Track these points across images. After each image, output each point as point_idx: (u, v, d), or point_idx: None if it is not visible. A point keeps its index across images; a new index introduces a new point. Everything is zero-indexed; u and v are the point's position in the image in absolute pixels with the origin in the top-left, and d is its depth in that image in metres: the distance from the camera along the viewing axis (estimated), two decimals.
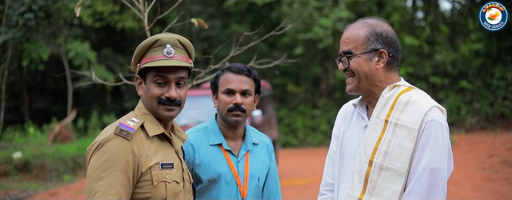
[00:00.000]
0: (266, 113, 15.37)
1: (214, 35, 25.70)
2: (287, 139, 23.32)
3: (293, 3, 22.40)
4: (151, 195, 2.90)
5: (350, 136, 3.23)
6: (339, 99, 24.50)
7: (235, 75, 3.71)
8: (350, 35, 3.12)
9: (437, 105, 3.02)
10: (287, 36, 22.91)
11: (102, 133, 2.92)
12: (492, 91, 21.84)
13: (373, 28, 3.11)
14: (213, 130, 3.74)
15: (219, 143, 3.71)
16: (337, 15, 21.68)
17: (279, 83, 24.95)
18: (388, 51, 3.08)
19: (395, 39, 3.14)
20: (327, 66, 24.67)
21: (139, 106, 3.07)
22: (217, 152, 3.69)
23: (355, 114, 3.28)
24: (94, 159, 2.84)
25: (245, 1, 23.42)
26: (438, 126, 2.94)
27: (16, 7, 17.79)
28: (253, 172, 3.75)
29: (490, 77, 22.14)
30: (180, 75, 3.01)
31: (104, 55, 25.10)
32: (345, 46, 3.13)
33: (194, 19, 5.01)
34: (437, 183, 2.91)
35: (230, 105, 3.65)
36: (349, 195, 3.08)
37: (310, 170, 16.43)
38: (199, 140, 3.70)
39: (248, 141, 3.80)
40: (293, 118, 24.28)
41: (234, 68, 3.74)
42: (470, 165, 14.37)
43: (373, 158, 3.01)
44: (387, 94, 3.08)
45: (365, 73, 3.08)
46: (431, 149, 2.91)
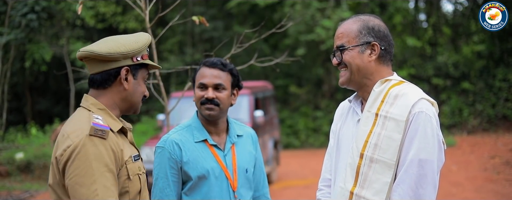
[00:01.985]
0: (268, 114, 15.38)
1: (216, 36, 25.70)
2: (289, 140, 23.31)
3: (295, 4, 22.40)
4: (128, 189, 2.87)
5: (346, 132, 3.29)
6: (341, 100, 24.15)
7: (208, 69, 3.73)
8: (343, 30, 3.20)
9: (425, 97, 3.05)
10: (289, 37, 22.92)
11: (68, 138, 2.76)
12: (494, 92, 21.82)
13: (365, 22, 3.18)
14: (196, 127, 3.76)
15: (204, 139, 3.73)
16: (340, 16, 21.66)
17: (281, 84, 24.96)
18: (380, 44, 3.15)
19: (388, 34, 3.20)
20: (329, 68, 24.65)
21: (92, 102, 2.92)
22: (203, 148, 3.71)
23: (350, 110, 3.34)
24: (75, 166, 2.70)
25: (247, 2, 23.42)
26: (426, 118, 2.97)
27: (19, 8, 17.81)
28: (241, 164, 3.78)
29: (492, 78, 22.12)
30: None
31: None
32: (338, 41, 3.21)
33: (195, 17, 5.03)
34: (426, 174, 2.93)
35: (202, 99, 3.69)
36: (342, 188, 3.12)
37: (312, 171, 16.43)
38: (183, 138, 3.72)
39: (232, 134, 3.82)
40: (295, 120, 24.26)
41: (208, 62, 3.76)
42: (472, 166, 14.37)
43: (364, 151, 3.06)
44: (378, 88, 3.13)
45: (357, 65, 3.14)
46: (419, 141, 2.94)
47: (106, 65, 2.91)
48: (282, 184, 14.56)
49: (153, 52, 4.98)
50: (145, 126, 22.92)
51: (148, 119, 24.25)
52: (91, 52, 2.87)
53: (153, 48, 5.03)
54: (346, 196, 3.10)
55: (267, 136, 14.74)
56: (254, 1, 23.20)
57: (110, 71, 2.92)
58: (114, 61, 2.90)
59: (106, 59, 2.89)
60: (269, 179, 14.57)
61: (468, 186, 12.35)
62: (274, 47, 25.43)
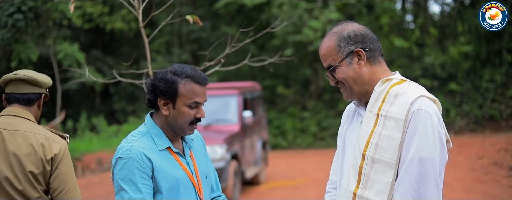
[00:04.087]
0: (257, 114, 15.36)
1: (203, 36, 25.68)
2: (277, 141, 23.32)
3: (283, 5, 22.41)
4: None
5: (350, 133, 3.28)
6: (328, 101, 24.52)
7: (200, 87, 3.37)
8: (324, 51, 3.19)
9: (426, 95, 3.02)
10: (277, 38, 22.93)
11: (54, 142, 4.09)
12: (481, 93, 21.92)
13: (339, 35, 3.16)
14: (156, 134, 3.41)
15: (167, 146, 3.41)
16: (327, 17, 21.69)
17: (269, 85, 24.96)
18: (362, 47, 3.12)
19: (365, 33, 3.17)
20: (316, 68, 24.67)
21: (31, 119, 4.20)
22: (168, 156, 3.40)
23: (355, 112, 3.33)
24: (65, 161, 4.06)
25: (235, 2, 23.40)
26: (425, 115, 2.93)
27: (5, 8, 17.66)
28: (201, 170, 3.55)
29: (479, 79, 22.21)
30: None
31: (93, 57, 25.03)
32: (325, 62, 3.20)
33: (189, 16, 4.99)
34: (427, 173, 2.90)
35: (193, 119, 3.38)
36: (346, 189, 3.12)
37: (300, 172, 16.44)
38: (147, 146, 3.34)
39: (187, 139, 3.57)
40: (283, 120, 24.27)
41: (198, 78, 3.37)
42: (460, 167, 14.40)
43: (366, 152, 3.04)
44: (379, 88, 3.11)
45: (352, 78, 3.12)
46: (419, 139, 2.91)
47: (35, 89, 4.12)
48: (270, 185, 14.55)
49: (146, 52, 4.94)
50: (132, 126, 22.84)
51: (135, 120, 24.20)
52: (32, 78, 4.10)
53: (146, 48, 4.99)
54: (349, 197, 3.09)
55: (255, 136, 14.73)
56: (242, 2, 23.19)
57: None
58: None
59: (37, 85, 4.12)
60: (258, 180, 14.57)
61: (457, 186, 12.38)
62: (261, 47, 25.41)
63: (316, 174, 15.84)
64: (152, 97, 3.40)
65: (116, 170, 3.27)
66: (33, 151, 3.81)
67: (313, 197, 12.62)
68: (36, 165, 3.79)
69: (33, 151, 3.81)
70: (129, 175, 3.23)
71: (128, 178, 3.23)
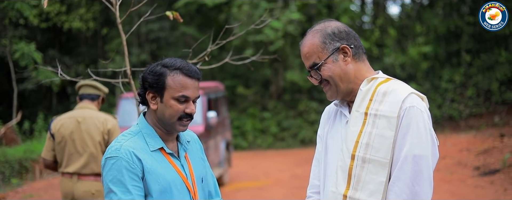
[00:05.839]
0: (221, 115, 15.23)
1: (162, 36, 25.49)
2: (237, 142, 23.25)
3: (243, 5, 22.32)
4: None
5: (334, 135, 3.20)
6: (288, 101, 24.53)
7: (190, 80, 3.21)
8: (308, 49, 3.12)
9: (415, 92, 3.00)
10: (237, 38, 22.81)
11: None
12: (441, 93, 22.17)
13: (323, 31, 3.11)
14: (149, 133, 3.26)
15: (160, 147, 3.25)
16: (288, 18, 21.67)
17: (229, 85, 24.84)
18: (348, 44, 3.07)
19: (348, 30, 3.13)
20: (277, 68, 24.67)
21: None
22: (160, 158, 3.23)
23: (338, 113, 3.25)
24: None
25: (195, 2, 23.23)
26: (417, 112, 2.90)
27: None
28: (197, 173, 3.39)
29: (438, 79, 22.46)
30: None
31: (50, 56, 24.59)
32: (308, 61, 3.12)
33: (169, 12, 4.86)
34: (421, 170, 2.86)
35: (182, 114, 3.20)
36: (334, 192, 3.03)
37: (263, 173, 16.39)
38: (138, 146, 3.18)
39: (183, 140, 3.39)
40: (243, 121, 24.22)
41: (187, 70, 3.21)
42: None
43: (355, 152, 2.98)
44: (365, 87, 3.06)
45: (338, 75, 3.07)
46: (412, 136, 2.88)
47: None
48: (234, 186, 14.43)
49: (124, 49, 4.78)
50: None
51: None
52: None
53: (124, 46, 4.82)
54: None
55: (219, 137, 14.59)
56: (202, 1, 23.05)
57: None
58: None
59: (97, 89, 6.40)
60: (222, 181, 14.42)
61: None
62: (221, 47, 25.27)
63: (280, 174, 15.78)
64: (142, 91, 3.25)
65: (105, 171, 3.12)
66: (97, 128, 6.23)
67: (279, 198, 12.55)
68: (101, 136, 6.25)
69: (97, 128, 6.23)
70: (118, 175, 3.08)
71: (117, 179, 3.08)
